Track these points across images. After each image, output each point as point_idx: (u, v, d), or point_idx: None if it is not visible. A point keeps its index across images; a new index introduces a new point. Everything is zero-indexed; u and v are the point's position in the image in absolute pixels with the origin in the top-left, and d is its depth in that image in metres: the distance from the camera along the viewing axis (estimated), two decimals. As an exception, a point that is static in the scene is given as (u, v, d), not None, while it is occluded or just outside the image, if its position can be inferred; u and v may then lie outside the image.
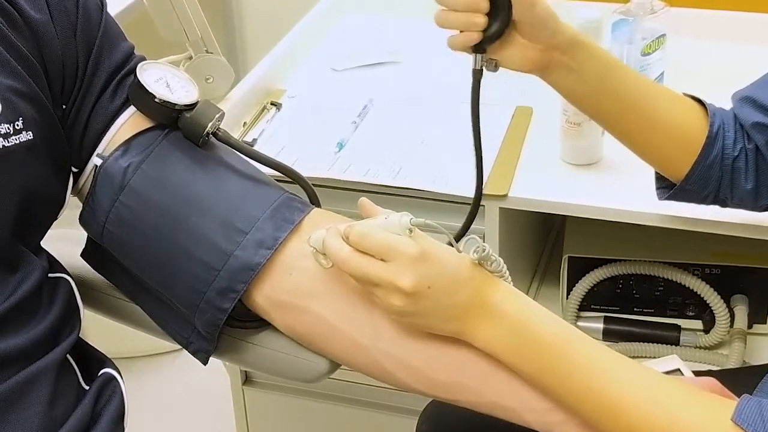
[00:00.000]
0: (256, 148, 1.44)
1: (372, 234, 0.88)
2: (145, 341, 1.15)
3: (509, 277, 0.93)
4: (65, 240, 1.06)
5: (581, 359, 0.87)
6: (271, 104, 1.56)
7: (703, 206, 1.15)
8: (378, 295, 0.88)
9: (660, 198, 1.15)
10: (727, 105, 1.13)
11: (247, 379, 1.65)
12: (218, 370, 1.59)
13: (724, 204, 1.13)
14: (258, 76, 1.61)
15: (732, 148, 1.08)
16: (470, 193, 1.32)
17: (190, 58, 1.51)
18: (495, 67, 1.05)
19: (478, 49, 1.04)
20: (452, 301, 0.88)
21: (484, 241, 0.95)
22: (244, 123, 1.51)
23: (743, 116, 1.08)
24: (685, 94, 1.11)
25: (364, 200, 0.94)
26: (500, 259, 0.91)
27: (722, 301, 1.45)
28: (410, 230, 0.88)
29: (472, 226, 1.35)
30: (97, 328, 1.93)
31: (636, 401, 0.84)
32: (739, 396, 0.85)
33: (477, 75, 1.06)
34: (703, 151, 1.08)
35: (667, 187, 1.13)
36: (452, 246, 0.90)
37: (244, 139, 1.47)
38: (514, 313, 0.89)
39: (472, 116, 1.07)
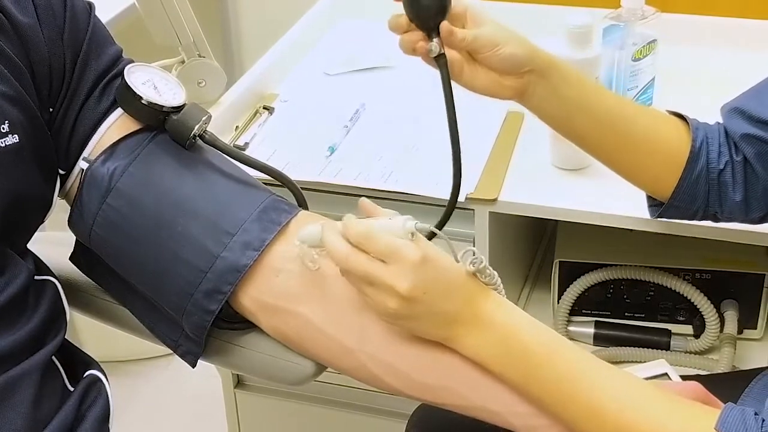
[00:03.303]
0: (247, 151, 1.45)
1: (376, 235, 0.87)
2: (140, 345, 1.16)
3: (503, 290, 0.93)
4: (53, 242, 1.06)
5: (567, 367, 0.87)
6: (264, 108, 1.56)
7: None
8: (371, 295, 0.88)
9: (652, 216, 1.15)
10: (718, 108, 1.13)
11: (239, 382, 1.65)
12: (211, 373, 1.60)
13: (715, 219, 1.13)
14: (251, 80, 1.61)
15: (717, 161, 1.08)
16: (461, 197, 1.32)
17: (183, 62, 1.51)
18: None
19: (429, 36, 0.99)
20: (444, 308, 0.88)
21: (473, 246, 0.95)
22: (236, 127, 1.52)
23: (732, 128, 1.08)
24: (668, 111, 1.11)
25: (365, 201, 0.93)
26: (495, 272, 0.91)
27: (712, 306, 1.46)
28: (412, 234, 0.88)
29: (463, 230, 1.36)
30: (91, 332, 1.94)
31: (621, 409, 0.84)
32: (726, 401, 0.85)
33: (442, 59, 1.00)
34: (688, 167, 1.07)
35: (657, 205, 1.14)
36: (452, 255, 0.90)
37: (235, 143, 1.47)
38: (501, 323, 0.89)
39: (447, 107, 1.00)
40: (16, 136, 0.89)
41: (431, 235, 0.92)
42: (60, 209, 1.00)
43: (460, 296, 0.88)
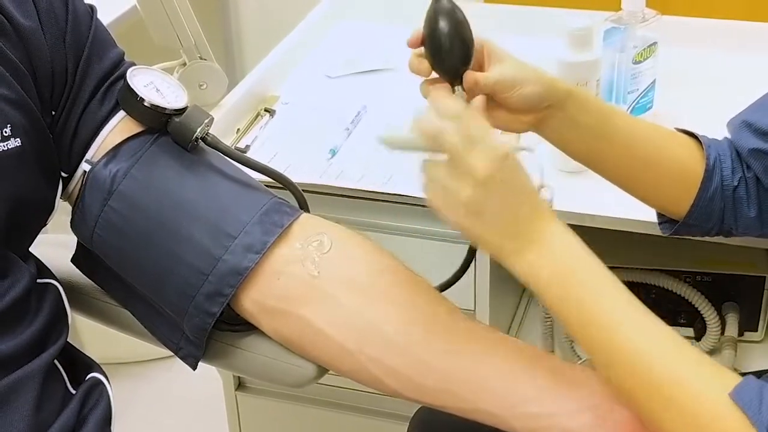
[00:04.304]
0: (249, 154, 1.46)
1: (477, 115, 0.89)
2: (141, 347, 1.16)
3: None
4: (55, 245, 1.07)
5: (610, 315, 0.85)
6: (265, 110, 1.57)
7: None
8: (447, 180, 0.87)
9: (665, 233, 1.14)
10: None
11: (240, 385, 1.65)
12: (213, 375, 1.60)
13: (729, 234, 1.12)
14: (252, 83, 1.61)
15: (731, 178, 1.07)
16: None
17: (184, 64, 1.52)
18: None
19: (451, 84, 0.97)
20: (514, 210, 0.86)
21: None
22: (238, 129, 1.52)
23: (740, 143, 1.07)
24: (678, 129, 1.11)
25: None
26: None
27: (713, 308, 1.46)
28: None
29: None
30: (93, 334, 1.94)
31: (652, 355, 0.82)
32: None
33: None
34: (703, 185, 1.07)
35: (669, 222, 1.13)
36: None
37: (237, 146, 1.48)
38: (564, 249, 0.87)
39: None
40: (18, 139, 0.89)
41: None
42: (61, 212, 1.00)
43: (530, 203, 0.87)
